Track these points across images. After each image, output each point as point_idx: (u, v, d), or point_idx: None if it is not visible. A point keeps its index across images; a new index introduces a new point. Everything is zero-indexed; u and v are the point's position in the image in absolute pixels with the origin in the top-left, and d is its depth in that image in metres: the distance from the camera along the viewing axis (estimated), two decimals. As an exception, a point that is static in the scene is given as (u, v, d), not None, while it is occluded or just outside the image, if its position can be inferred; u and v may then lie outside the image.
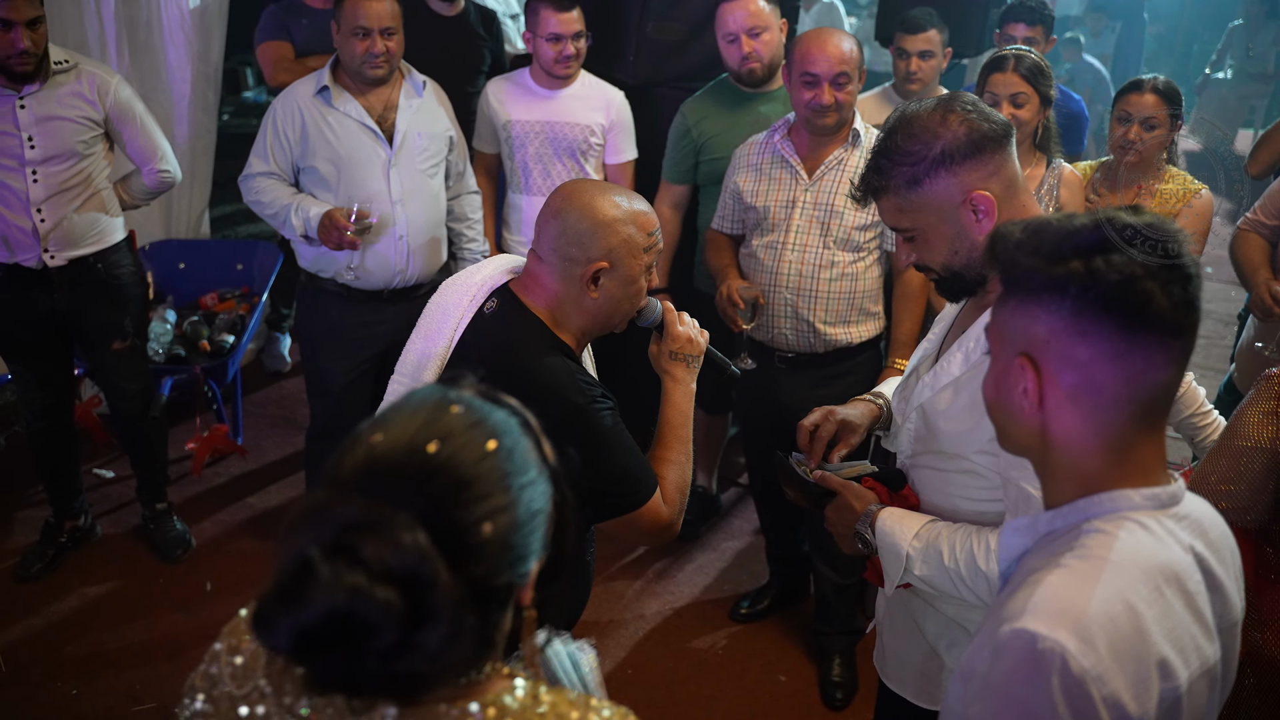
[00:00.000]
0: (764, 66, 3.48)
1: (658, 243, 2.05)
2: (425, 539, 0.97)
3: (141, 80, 4.54)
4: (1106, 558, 1.15)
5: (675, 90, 3.90)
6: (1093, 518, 1.20)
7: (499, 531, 1.03)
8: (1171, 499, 1.22)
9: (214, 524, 4.10)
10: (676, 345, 2.12)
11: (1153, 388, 1.18)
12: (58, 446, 3.77)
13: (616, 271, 1.99)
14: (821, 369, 3.14)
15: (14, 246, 3.39)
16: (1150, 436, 1.22)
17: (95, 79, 3.40)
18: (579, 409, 1.92)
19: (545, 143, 3.77)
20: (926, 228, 1.78)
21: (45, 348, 3.59)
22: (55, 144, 3.33)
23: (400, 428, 1.04)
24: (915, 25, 3.84)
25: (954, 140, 1.72)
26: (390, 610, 0.95)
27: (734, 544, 4.10)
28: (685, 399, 2.13)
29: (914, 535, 1.81)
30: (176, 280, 4.70)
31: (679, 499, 2.06)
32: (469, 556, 1.00)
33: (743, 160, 3.20)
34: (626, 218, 1.99)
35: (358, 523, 0.97)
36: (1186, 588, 1.18)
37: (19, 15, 3.15)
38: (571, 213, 2.00)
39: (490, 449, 1.04)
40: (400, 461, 1.01)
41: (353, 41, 3.31)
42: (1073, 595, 1.12)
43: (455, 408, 1.07)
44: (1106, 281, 1.14)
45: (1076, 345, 1.17)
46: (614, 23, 4.05)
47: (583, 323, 2.04)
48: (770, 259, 3.08)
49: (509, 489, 1.05)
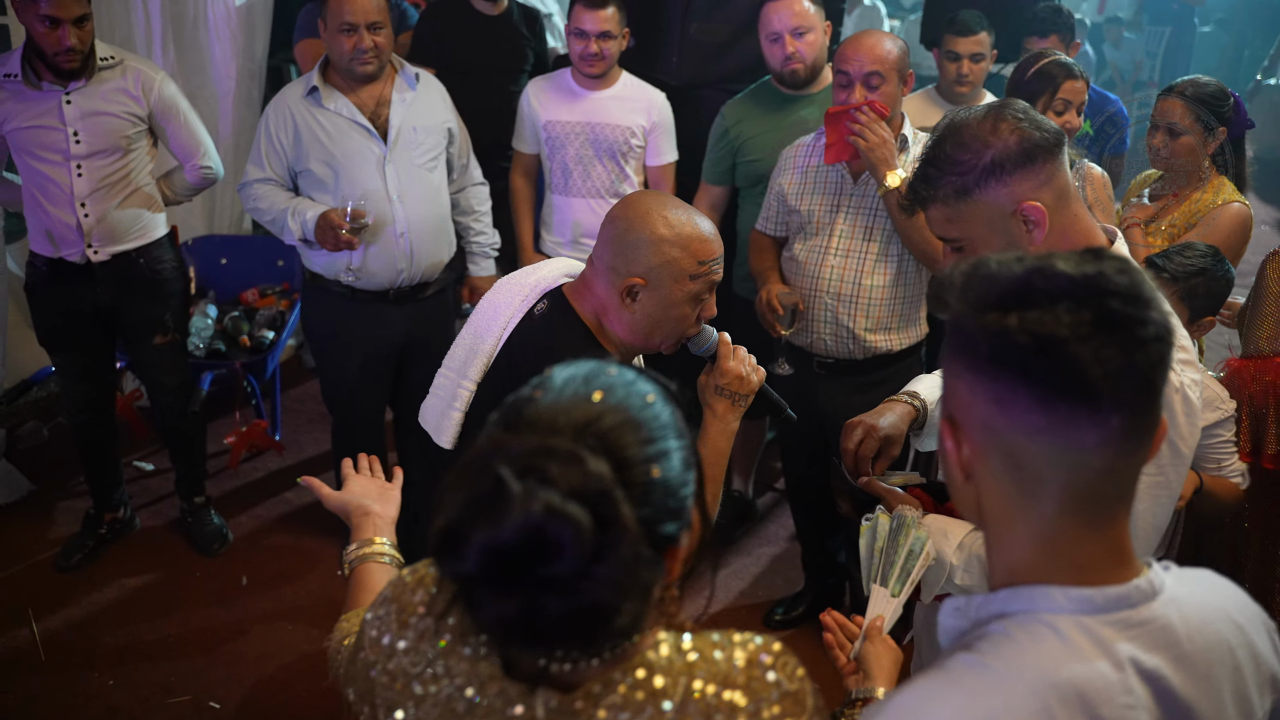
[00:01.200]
0: (807, 68, 3.44)
1: (712, 273, 1.98)
2: (607, 467, 0.98)
3: (187, 77, 4.58)
4: (993, 666, 0.99)
5: (718, 92, 3.87)
6: (1006, 614, 1.03)
7: (665, 476, 1.04)
8: (1115, 602, 1.02)
9: (251, 518, 4.13)
10: (725, 380, 2.02)
11: (1087, 473, 0.99)
12: (99, 439, 3.80)
13: (655, 292, 1.95)
14: (861, 375, 3.10)
15: (59, 241, 3.42)
16: (1091, 531, 1.02)
17: (140, 75, 3.42)
18: None
19: (585, 144, 3.75)
20: (975, 238, 1.73)
21: (88, 341, 3.63)
22: (100, 139, 3.36)
23: (562, 385, 1.07)
24: (966, 28, 3.80)
25: (1005, 149, 1.67)
26: (580, 531, 0.95)
27: (769, 549, 4.07)
28: (722, 436, 2.03)
29: (957, 545, 1.77)
30: (218, 276, 4.74)
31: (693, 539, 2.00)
32: (638, 495, 1.01)
33: (789, 162, 3.17)
34: (676, 240, 1.93)
35: (542, 449, 0.98)
36: (1098, 713, 0.97)
37: (66, 13, 3.18)
38: (623, 221, 1.97)
39: (650, 400, 1.08)
40: (568, 408, 1.04)
41: (340, 38, 3.26)
42: (933, 705, 0.99)
43: (611, 369, 1.11)
44: (1018, 344, 0.96)
45: (995, 415, 0.99)
46: (657, 24, 4.03)
47: (624, 335, 2.01)
48: (812, 263, 3.05)
49: (669, 438, 1.06)
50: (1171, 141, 3.08)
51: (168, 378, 3.75)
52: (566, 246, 3.91)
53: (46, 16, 3.16)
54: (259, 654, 3.39)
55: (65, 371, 3.70)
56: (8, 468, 4.19)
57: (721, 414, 2.02)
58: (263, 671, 3.32)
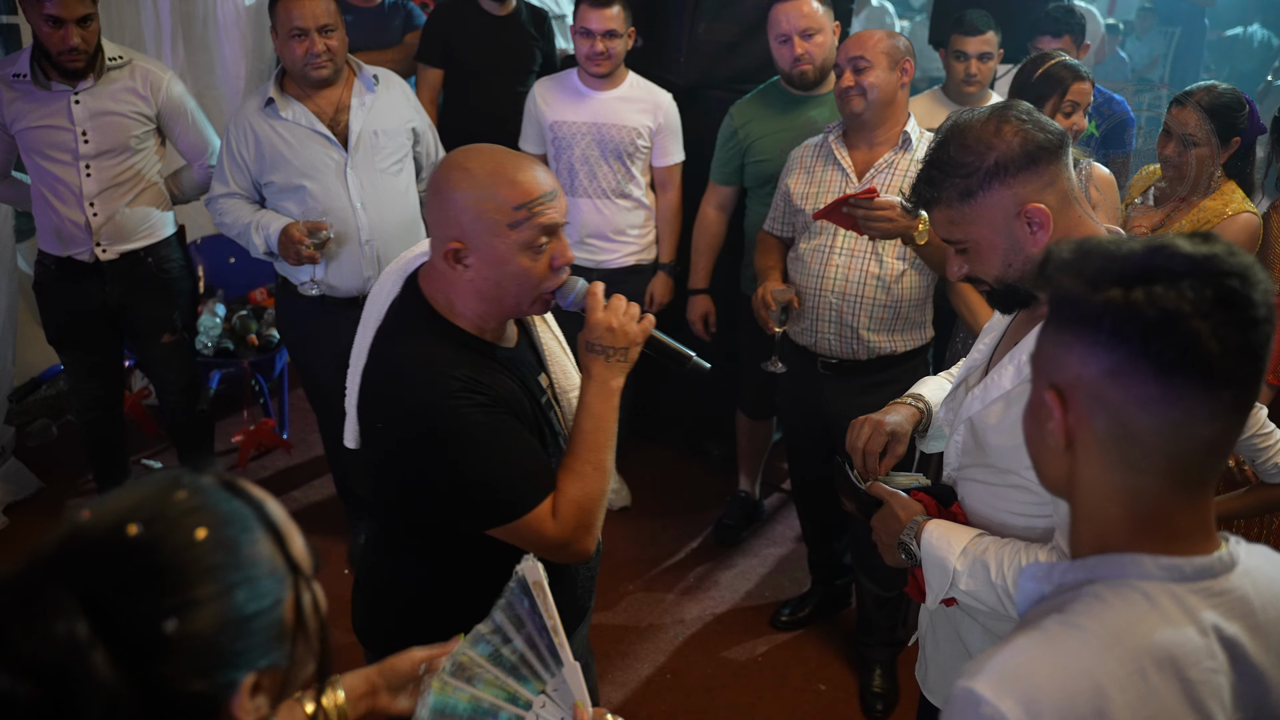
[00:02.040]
0: (816, 69, 3.44)
1: (536, 216, 1.75)
2: (85, 629, 0.89)
3: (196, 77, 4.59)
4: (1088, 627, 1.05)
5: (726, 92, 3.88)
6: (1098, 579, 1.09)
7: (191, 629, 0.93)
8: (1201, 572, 1.08)
9: (258, 517, 4.13)
10: (594, 335, 1.82)
11: (1194, 444, 1.04)
12: (108, 436, 3.82)
13: (478, 251, 1.75)
14: (865, 376, 3.10)
15: (67, 240, 3.44)
16: (1188, 498, 1.08)
17: (148, 75, 3.44)
18: (429, 404, 1.73)
19: (592, 144, 3.75)
20: (979, 240, 1.73)
21: (96, 340, 3.64)
22: (108, 139, 3.37)
23: (113, 506, 0.97)
24: (973, 27, 3.79)
25: (1008, 151, 1.67)
26: (14, 702, 0.86)
27: (776, 550, 4.07)
28: (600, 399, 1.82)
29: (961, 550, 1.77)
30: (226, 275, 4.75)
31: (579, 515, 1.79)
32: (150, 654, 0.91)
33: (796, 162, 3.17)
34: (481, 189, 1.74)
35: (15, 602, 0.90)
36: (1186, 675, 1.04)
37: (70, 13, 3.19)
38: (432, 183, 1.81)
39: (199, 538, 0.96)
40: (98, 541, 0.94)
41: (291, 44, 3.22)
42: (1033, 663, 1.04)
43: (181, 493, 0.99)
44: (1144, 317, 1.00)
45: (1109, 386, 1.03)
46: (665, 24, 4.03)
47: (477, 306, 1.81)
48: (816, 263, 3.05)
49: (215, 583, 0.95)
50: (1184, 152, 3.05)
51: (175, 376, 3.76)
52: (573, 247, 3.88)
53: (50, 16, 3.18)
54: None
55: (74, 370, 3.71)
56: (17, 465, 4.20)
57: (597, 374, 1.83)
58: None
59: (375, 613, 2.04)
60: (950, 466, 1.94)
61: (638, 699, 3.30)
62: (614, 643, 3.52)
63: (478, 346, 1.82)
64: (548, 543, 1.78)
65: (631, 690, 3.33)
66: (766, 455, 4.17)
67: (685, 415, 4.69)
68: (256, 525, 1.01)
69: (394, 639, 1.88)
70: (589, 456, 1.81)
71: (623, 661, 3.44)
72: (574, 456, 1.82)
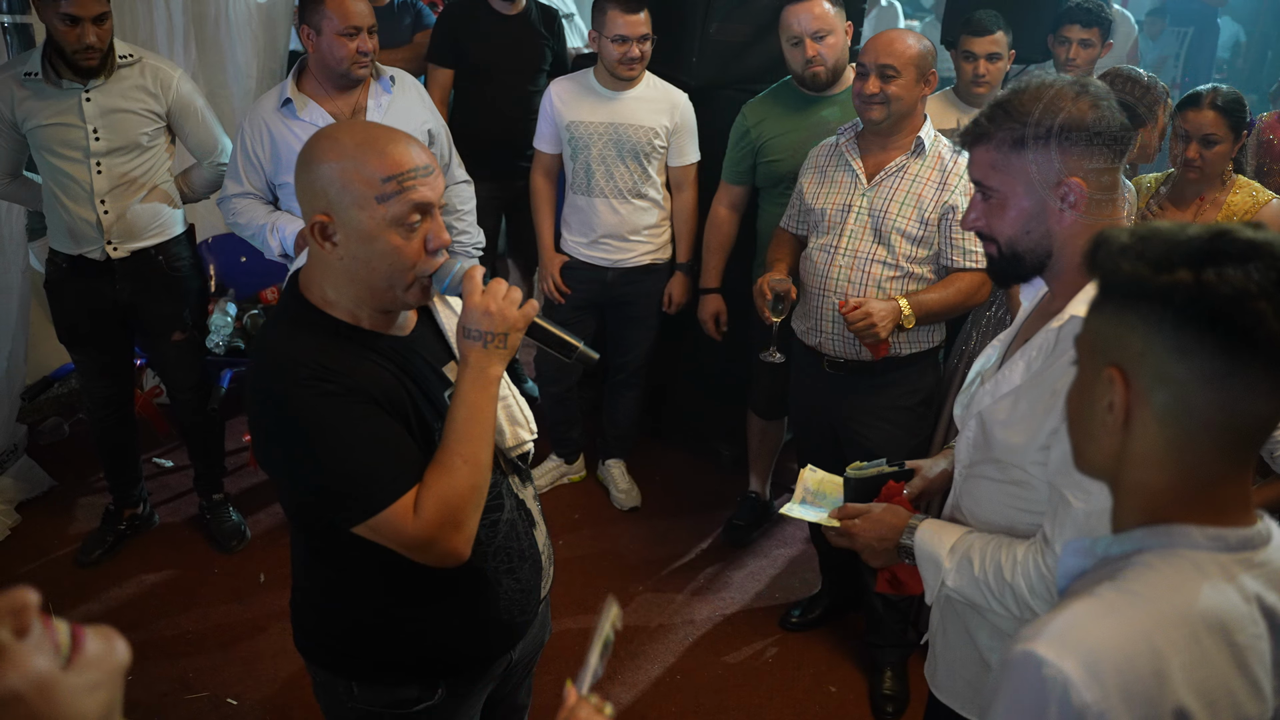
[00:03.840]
0: (828, 70, 3.43)
1: (406, 190, 1.65)
2: None
3: (208, 76, 4.59)
4: (1142, 593, 1.10)
5: (739, 92, 3.86)
6: (1146, 550, 1.14)
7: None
8: (1243, 543, 1.14)
9: (269, 515, 4.14)
10: (471, 320, 1.69)
11: (1249, 418, 1.10)
12: (119, 435, 3.83)
13: (345, 226, 1.65)
14: (870, 377, 3.09)
15: (79, 239, 3.45)
16: (1235, 471, 1.14)
17: (158, 73, 3.45)
18: (274, 395, 1.65)
19: (609, 144, 3.75)
20: (1009, 194, 1.72)
21: (108, 338, 3.65)
22: (119, 136, 3.38)
23: None
24: (981, 27, 3.78)
25: (1078, 120, 1.67)
26: None
27: (786, 551, 4.06)
28: (475, 388, 1.69)
29: (950, 547, 1.82)
30: (238, 274, 4.75)
31: (443, 511, 1.65)
32: None
33: (811, 161, 3.17)
34: (347, 159, 1.64)
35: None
36: (1234, 640, 1.10)
37: (86, 11, 3.20)
38: (301, 157, 1.70)
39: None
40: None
41: (342, 42, 3.21)
42: (1092, 626, 1.08)
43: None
44: (1217, 295, 1.05)
45: (1174, 362, 1.09)
46: (677, 24, 4.02)
47: (349, 290, 1.71)
48: (823, 262, 3.04)
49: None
50: (1206, 151, 3.11)
51: (186, 375, 3.77)
52: (587, 246, 3.92)
53: (66, 14, 3.18)
54: (276, 651, 3.40)
55: (85, 368, 3.72)
56: (29, 463, 4.22)
57: (474, 361, 1.70)
58: (280, 668, 3.33)
59: (312, 623, 1.96)
60: (961, 463, 1.95)
61: (647, 699, 3.30)
62: (624, 643, 3.52)
63: (352, 335, 1.72)
64: (408, 540, 1.66)
65: (641, 690, 3.33)
66: (777, 456, 4.17)
67: (696, 416, 4.69)
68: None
69: (331, 652, 1.89)
70: (459, 449, 1.67)
71: (632, 662, 3.44)
72: (443, 449, 1.69)
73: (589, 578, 3.82)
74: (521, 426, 1.93)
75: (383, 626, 1.83)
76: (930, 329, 3.10)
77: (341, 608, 1.87)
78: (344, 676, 1.90)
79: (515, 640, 1.98)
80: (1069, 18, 4.00)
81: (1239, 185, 3.19)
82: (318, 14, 3.22)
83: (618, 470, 4.33)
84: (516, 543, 1.90)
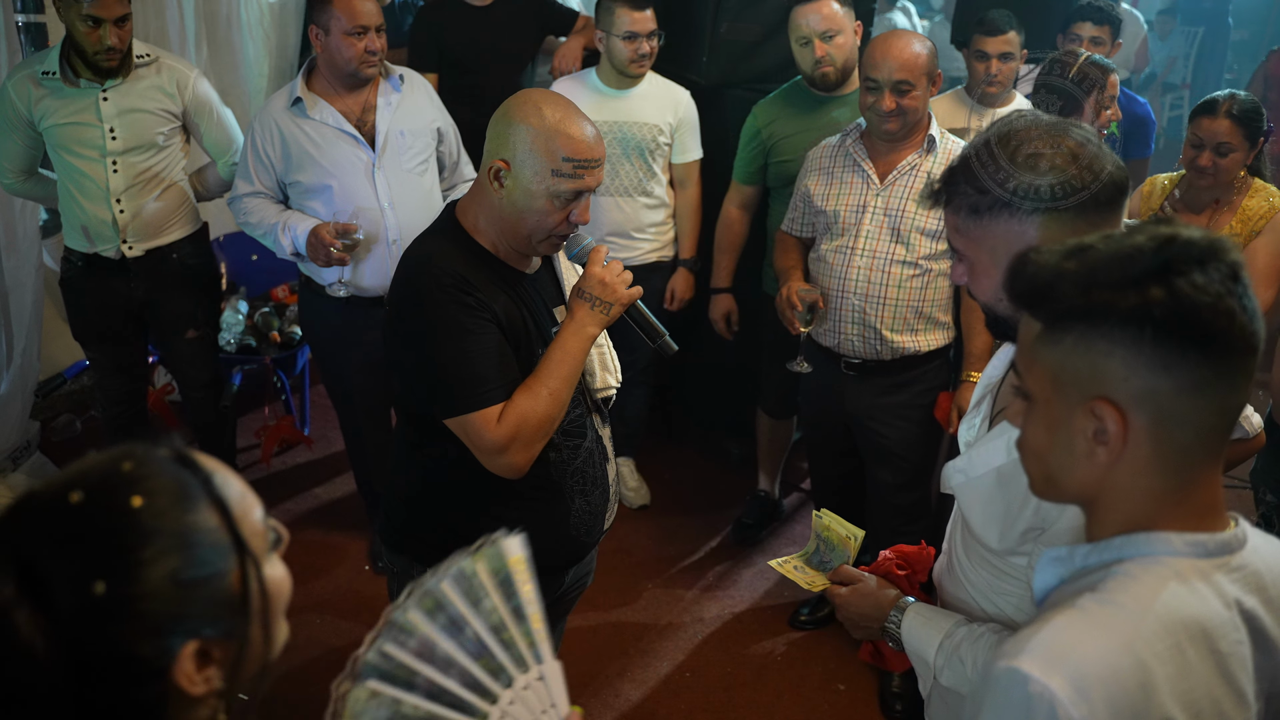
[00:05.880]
0: (837, 71, 3.44)
1: (578, 176, 1.96)
2: (12, 589, 0.92)
3: (220, 75, 4.62)
4: (1125, 604, 1.07)
5: (748, 92, 3.88)
6: (1126, 559, 1.12)
7: (126, 592, 0.95)
8: (1221, 547, 1.12)
9: (280, 513, 4.16)
10: (587, 284, 2.04)
11: (1229, 419, 1.10)
12: (132, 432, 3.83)
13: (517, 178, 1.96)
14: (888, 377, 3.10)
15: (94, 237, 3.46)
16: (1208, 475, 1.13)
17: (174, 73, 3.46)
18: (419, 295, 1.96)
19: (614, 142, 3.76)
20: (977, 262, 1.56)
21: (121, 336, 3.67)
22: (135, 136, 3.40)
23: (64, 476, 1.00)
24: (994, 27, 3.78)
25: (1031, 185, 1.48)
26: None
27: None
28: (574, 338, 2.01)
29: (938, 646, 1.67)
30: (249, 272, 4.77)
31: (519, 427, 1.94)
32: (83, 615, 0.94)
33: (814, 163, 3.17)
34: (546, 130, 1.94)
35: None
36: (1217, 647, 1.08)
37: (108, 13, 3.22)
38: (503, 109, 2.01)
39: (135, 505, 0.98)
40: (41, 507, 0.97)
41: (350, 41, 3.22)
42: (1076, 640, 1.05)
43: (128, 463, 1.01)
44: (1194, 304, 1.03)
45: (1159, 378, 1.06)
46: (686, 23, 4.03)
47: (496, 225, 2.02)
48: (839, 263, 3.05)
49: (149, 549, 0.97)
50: (1220, 160, 3.10)
51: (198, 373, 3.79)
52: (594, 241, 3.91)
53: (89, 16, 3.20)
54: (287, 647, 3.36)
55: (99, 365, 3.74)
56: (42, 460, 4.24)
57: (579, 316, 2.02)
58: (290, 664, 3.34)
59: (402, 518, 2.20)
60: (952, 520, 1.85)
61: (657, 697, 3.31)
62: (633, 640, 3.53)
63: (490, 262, 2.02)
64: (486, 444, 1.94)
65: (650, 688, 3.34)
66: (787, 455, 4.18)
67: (705, 414, 4.70)
68: (201, 496, 1.02)
69: (420, 542, 2.12)
70: (546, 380, 1.97)
71: (642, 659, 3.45)
72: (535, 378, 1.98)
73: (597, 576, 3.77)
74: (610, 373, 2.25)
75: (465, 521, 2.03)
76: (945, 327, 3.11)
77: (431, 501, 2.15)
78: (422, 564, 2.00)
79: (578, 557, 2.25)
80: (1080, 15, 4.00)
81: (1255, 189, 3.17)
82: (326, 14, 3.24)
83: (627, 469, 4.34)
84: (592, 469, 2.18)
